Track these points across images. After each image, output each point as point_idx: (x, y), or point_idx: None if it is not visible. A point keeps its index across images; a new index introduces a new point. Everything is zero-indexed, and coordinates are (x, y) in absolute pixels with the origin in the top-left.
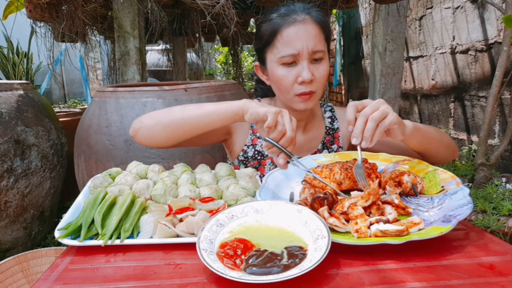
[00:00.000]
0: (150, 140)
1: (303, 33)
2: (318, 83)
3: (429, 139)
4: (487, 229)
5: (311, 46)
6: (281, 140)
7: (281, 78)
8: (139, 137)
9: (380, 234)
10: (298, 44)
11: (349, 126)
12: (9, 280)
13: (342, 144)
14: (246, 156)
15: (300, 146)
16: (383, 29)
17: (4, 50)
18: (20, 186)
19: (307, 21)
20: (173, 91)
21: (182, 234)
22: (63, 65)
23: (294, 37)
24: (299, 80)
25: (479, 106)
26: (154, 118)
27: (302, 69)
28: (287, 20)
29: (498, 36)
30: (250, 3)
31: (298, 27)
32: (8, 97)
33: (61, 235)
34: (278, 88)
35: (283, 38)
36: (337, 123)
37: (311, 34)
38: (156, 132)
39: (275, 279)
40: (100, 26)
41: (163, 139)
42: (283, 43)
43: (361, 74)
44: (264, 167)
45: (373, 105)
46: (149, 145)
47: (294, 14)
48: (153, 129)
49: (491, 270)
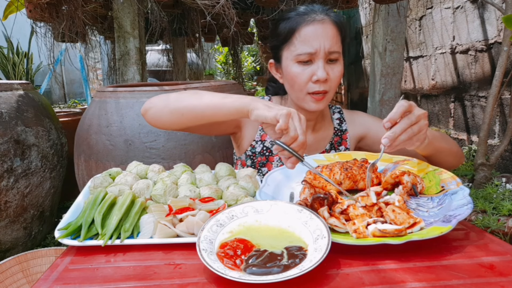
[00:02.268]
0: (158, 122)
1: (321, 32)
2: (332, 83)
3: (440, 150)
4: (487, 229)
5: (328, 46)
6: (292, 144)
7: (296, 75)
8: (148, 117)
9: (379, 234)
10: (316, 43)
11: (388, 123)
12: (9, 280)
13: (349, 145)
14: (254, 151)
15: (309, 146)
16: (383, 29)
17: (4, 50)
18: (20, 186)
19: (325, 21)
20: (173, 91)
21: (182, 234)
22: (63, 65)
23: (312, 35)
24: (314, 79)
25: (479, 106)
26: (163, 100)
27: (318, 68)
28: (306, 19)
29: (498, 36)
30: (250, 3)
31: (317, 27)
32: (8, 97)
33: (61, 235)
34: (291, 86)
35: (301, 36)
36: (346, 124)
37: (329, 34)
38: (163, 115)
39: (275, 279)
40: (100, 26)
41: (168, 123)
42: (301, 41)
43: (361, 74)
44: (271, 163)
45: (418, 114)
46: (156, 126)
47: (313, 14)
48: (161, 111)
49: (491, 270)
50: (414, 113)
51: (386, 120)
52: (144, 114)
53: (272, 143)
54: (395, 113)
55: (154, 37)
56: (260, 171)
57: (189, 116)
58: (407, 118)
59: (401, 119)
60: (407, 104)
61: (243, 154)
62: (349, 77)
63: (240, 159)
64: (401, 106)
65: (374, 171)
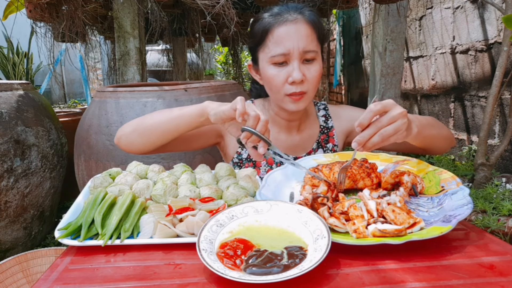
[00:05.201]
0: (131, 147)
1: (294, 32)
2: (309, 83)
3: (431, 137)
4: (487, 229)
5: (302, 46)
6: (258, 125)
7: (272, 77)
8: (121, 144)
9: (379, 234)
10: (289, 43)
11: (358, 128)
12: (9, 280)
13: (337, 142)
14: (241, 158)
15: (295, 146)
16: (383, 29)
17: (4, 50)
18: (20, 186)
19: (298, 20)
20: (173, 91)
21: (182, 234)
22: (63, 65)
23: (285, 36)
24: (290, 80)
25: (479, 106)
26: (131, 125)
27: (293, 69)
28: (279, 20)
29: (498, 36)
30: (250, 3)
31: (289, 27)
32: (8, 97)
33: (61, 235)
34: (269, 88)
35: (274, 38)
36: (331, 121)
37: (302, 34)
38: (133, 139)
39: (275, 279)
40: (100, 26)
41: (141, 146)
42: (274, 43)
43: (361, 74)
44: (259, 169)
45: (392, 116)
46: (131, 151)
47: (286, 14)
48: (130, 136)
49: (491, 270)
50: (388, 115)
51: (356, 125)
52: (118, 143)
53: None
54: (363, 118)
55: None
56: None
57: (156, 134)
58: (378, 121)
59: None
60: (377, 107)
61: (230, 162)
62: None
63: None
64: (369, 111)
65: (374, 171)
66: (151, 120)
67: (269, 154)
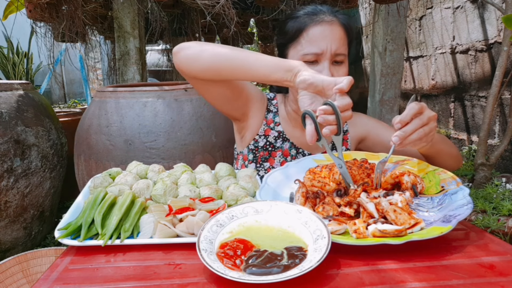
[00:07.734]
0: (191, 64)
1: (329, 33)
2: None
3: (441, 152)
4: (487, 229)
5: (335, 47)
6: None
7: None
8: (181, 55)
9: (379, 234)
10: (323, 43)
11: (398, 124)
12: (9, 280)
13: (350, 146)
14: (257, 146)
15: (311, 146)
16: (383, 29)
17: (4, 50)
18: (20, 186)
19: (334, 22)
20: (173, 91)
21: (182, 234)
22: (63, 65)
23: (320, 36)
24: None
25: (479, 106)
26: (202, 45)
27: (323, 69)
28: (315, 19)
29: (498, 36)
30: (250, 3)
31: (325, 27)
32: (8, 97)
33: (61, 235)
34: None
35: (309, 36)
36: (347, 125)
37: (336, 36)
38: (201, 57)
39: (275, 279)
40: (100, 26)
41: (204, 67)
42: (308, 41)
43: (361, 74)
44: (274, 159)
45: (429, 116)
46: (186, 68)
47: (322, 14)
48: (199, 53)
49: (491, 270)
50: (425, 114)
51: (397, 122)
52: (177, 52)
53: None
54: (406, 115)
55: (154, 37)
56: (261, 166)
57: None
58: (419, 119)
59: (412, 120)
60: (418, 106)
61: (245, 148)
62: None
63: (241, 154)
64: (412, 108)
65: (373, 171)
66: (229, 49)
67: (324, 141)
